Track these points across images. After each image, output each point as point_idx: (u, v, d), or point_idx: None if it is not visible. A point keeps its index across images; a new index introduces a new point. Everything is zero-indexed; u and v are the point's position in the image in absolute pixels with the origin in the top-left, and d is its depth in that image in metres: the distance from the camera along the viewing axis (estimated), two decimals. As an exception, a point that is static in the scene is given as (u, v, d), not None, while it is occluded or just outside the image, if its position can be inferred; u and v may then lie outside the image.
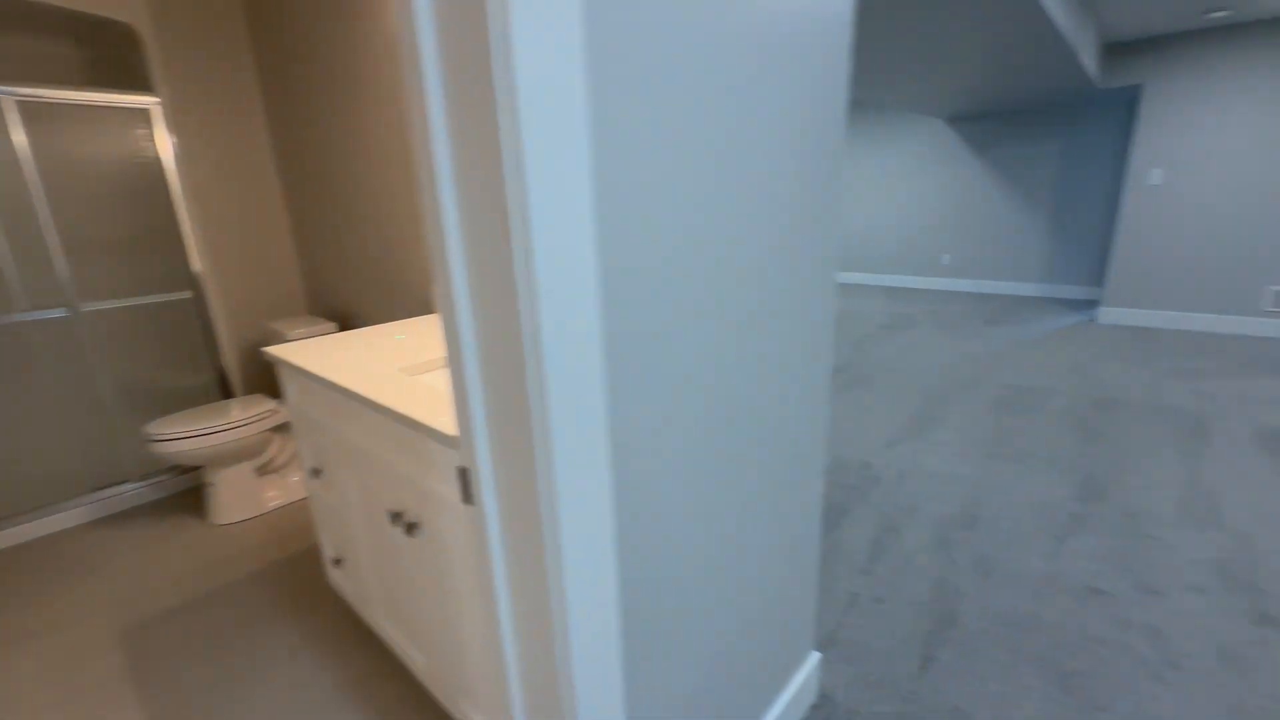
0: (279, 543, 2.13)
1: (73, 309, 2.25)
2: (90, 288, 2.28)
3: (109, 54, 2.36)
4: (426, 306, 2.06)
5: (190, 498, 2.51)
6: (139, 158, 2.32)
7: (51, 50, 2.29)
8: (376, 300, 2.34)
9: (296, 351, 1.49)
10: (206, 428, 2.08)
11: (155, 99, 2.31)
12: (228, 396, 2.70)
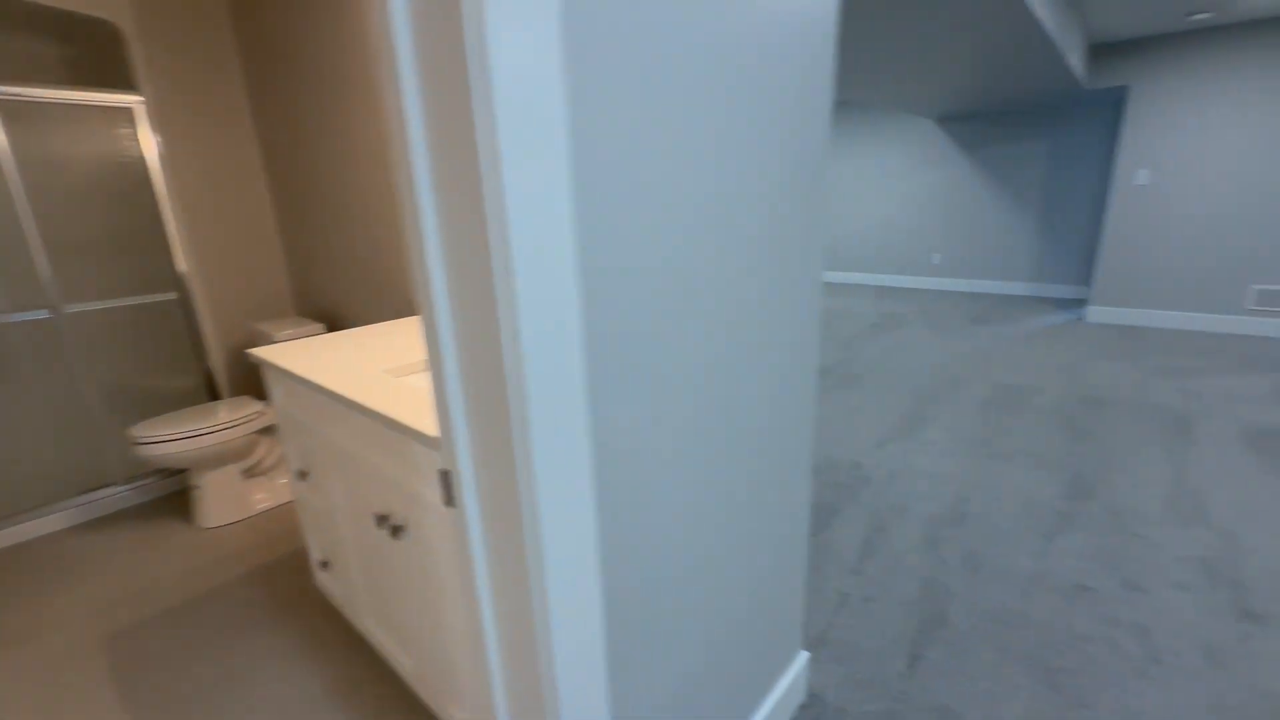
0: (267, 546, 2.11)
1: (55, 310, 2.22)
2: (73, 289, 2.25)
3: (91, 52, 2.33)
4: (415, 307, 2.05)
5: (177, 501, 2.48)
6: (122, 157, 2.29)
7: (32, 48, 2.26)
8: (365, 301, 2.32)
9: (282, 353, 1.48)
10: (192, 430, 2.05)
11: (139, 98, 2.28)
12: (215, 398, 2.67)
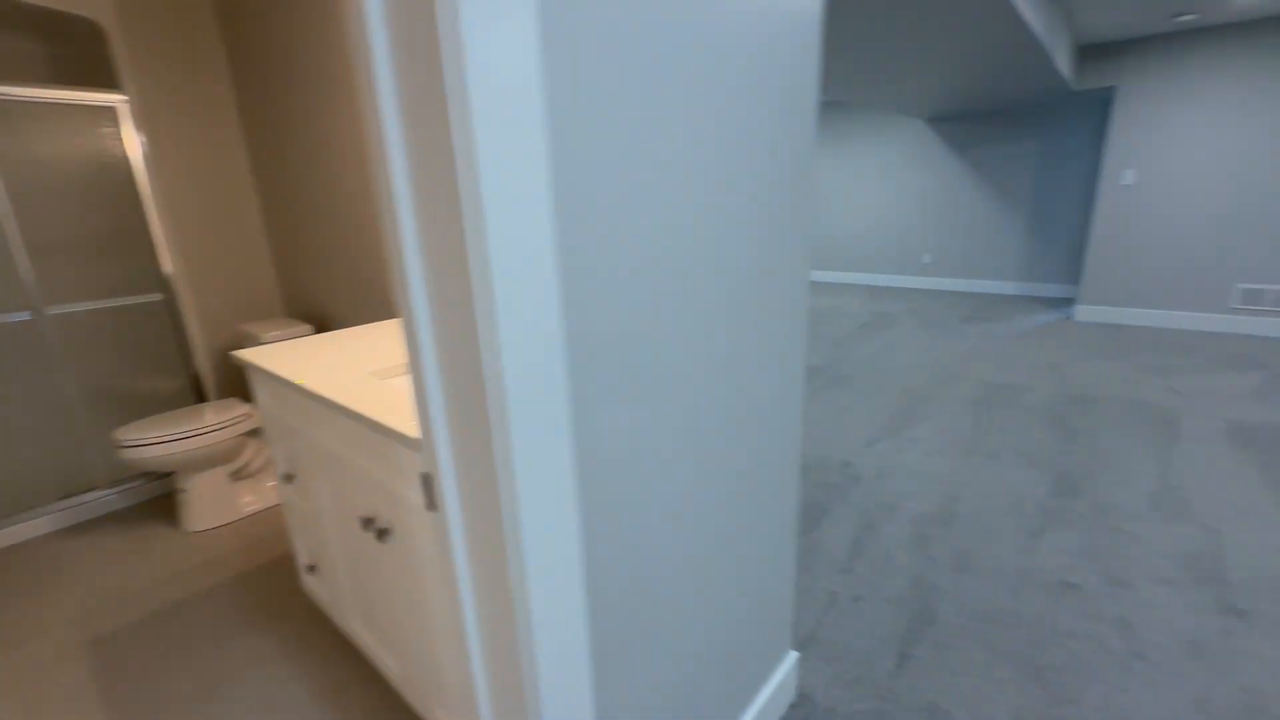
0: (254, 549, 2.10)
1: (37, 312, 2.19)
2: (56, 290, 2.22)
3: (73, 51, 2.30)
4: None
5: (163, 504, 2.45)
6: (106, 157, 2.26)
7: (12, 46, 2.23)
8: (353, 302, 2.31)
9: (267, 355, 1.47)
10: (177, 433, 2.03)
11: (122, 97, 2.25)
12: (202, 400, 2.65)
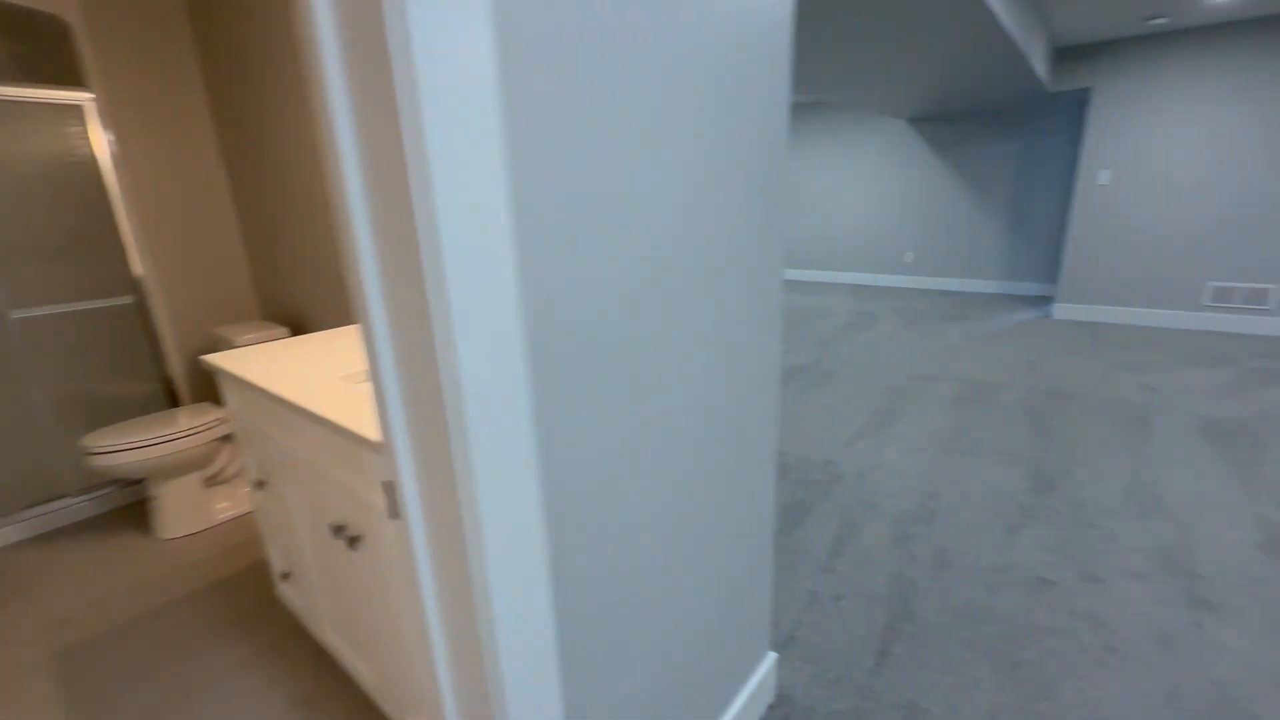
0: (228, 556, 2.06)
1: (1, 316, 2.13)
2: (20, 294, 2.16)
3: (37, 47, 2.24)
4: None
5: (135, 511, 2.40)
6: (72, 156, 2.21)
7: (-27, 42, 2.16)
8: (330, 304, 2.27)
9: (237, 359, 1.44)
10: (148, 439, 1.99)
11: (89, 95, 2.20)
12: (175, 405, 2.59)
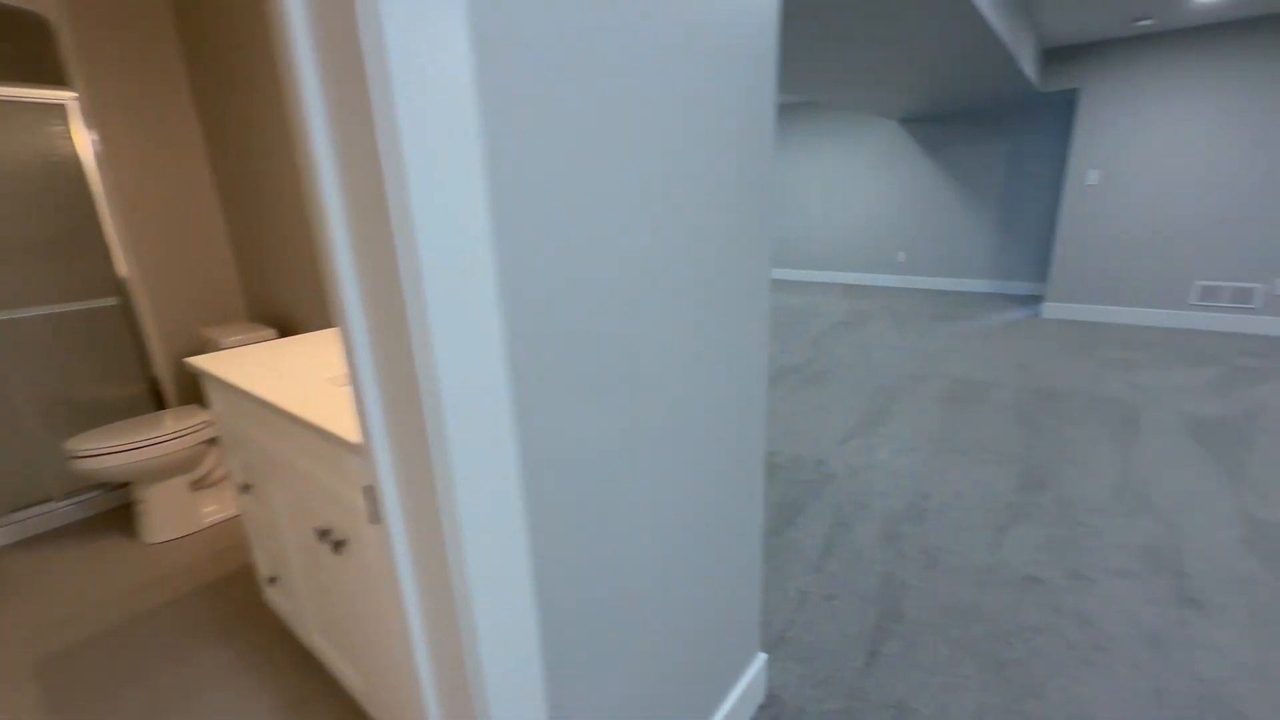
0: (215, 561, 2.04)
1: (-18, 318, 2.10)
2: (3, 295, 2.13)
3: (17, 46, 2.21)
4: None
5: (121, 515, 2.37)
6: (54, 156, 2.18)
7: (-48, 40, 2.13)
8: (318, 306, 2.25)
9: (221, 362, 1.42)
10: (133, 442, 1.96)
11: (71, 93, 2.17)
12: (161, 408, 2.57)
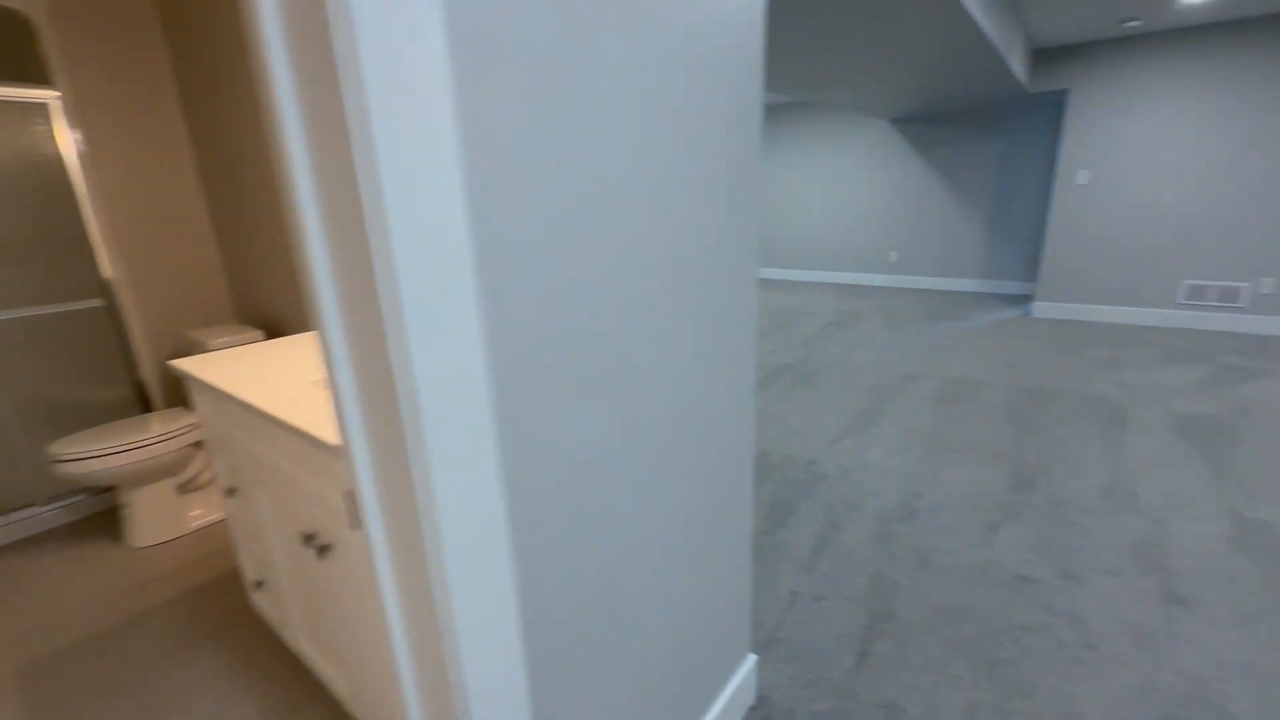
0: (202, 565, 2.01)
1: (-37, 320, 2.07)
2: (-16, 297, 2.10)
3: (-1, 43, 2.18)
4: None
5: (106, 519, 2.34)
6: (37, 155, 2.15)
7: (-69, 38, 2.10)
8: (306, 307, 2.23)
9: (206, 364, 1.40)
10: (117, 445, 1.94)
11: (54, 92, 2.14)
12: (148, 410, 2.54)
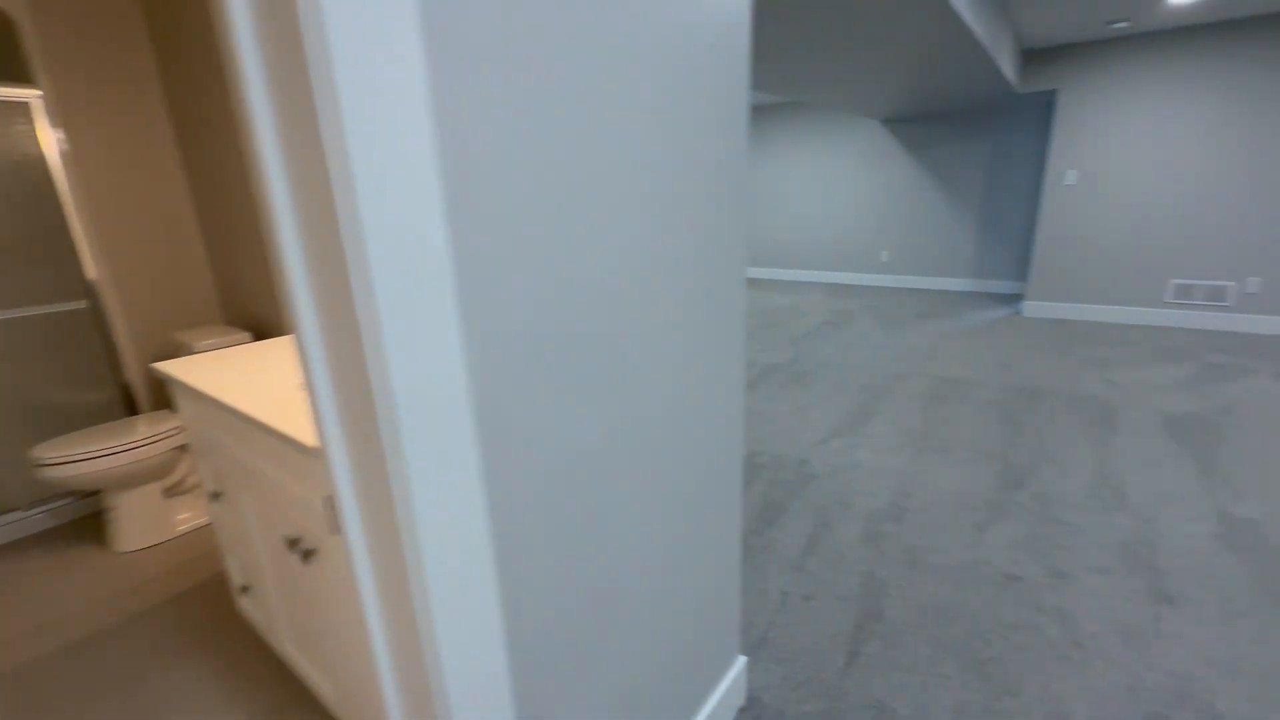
0: (188, 570, 1.99)
1: (-57, 323, 2.04)
2: (-36, 299, 2.07)
3: (-20, 41, 2.15)
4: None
5: (91, 524, 2.31)
6: (18, 155, 2.12)
7: (-90, 36, 2.07)
8: (283, 310, 2.21)
9: (189, 367, 1.39)
10: (102, 449, 1.91)
11: (36, 91, 2.11)
12: (134, 413, 2.51)
